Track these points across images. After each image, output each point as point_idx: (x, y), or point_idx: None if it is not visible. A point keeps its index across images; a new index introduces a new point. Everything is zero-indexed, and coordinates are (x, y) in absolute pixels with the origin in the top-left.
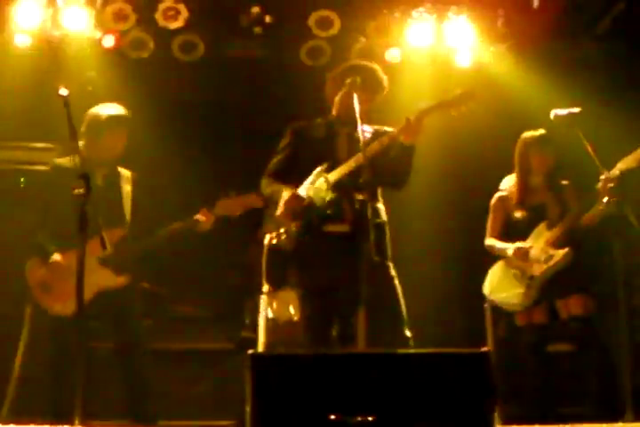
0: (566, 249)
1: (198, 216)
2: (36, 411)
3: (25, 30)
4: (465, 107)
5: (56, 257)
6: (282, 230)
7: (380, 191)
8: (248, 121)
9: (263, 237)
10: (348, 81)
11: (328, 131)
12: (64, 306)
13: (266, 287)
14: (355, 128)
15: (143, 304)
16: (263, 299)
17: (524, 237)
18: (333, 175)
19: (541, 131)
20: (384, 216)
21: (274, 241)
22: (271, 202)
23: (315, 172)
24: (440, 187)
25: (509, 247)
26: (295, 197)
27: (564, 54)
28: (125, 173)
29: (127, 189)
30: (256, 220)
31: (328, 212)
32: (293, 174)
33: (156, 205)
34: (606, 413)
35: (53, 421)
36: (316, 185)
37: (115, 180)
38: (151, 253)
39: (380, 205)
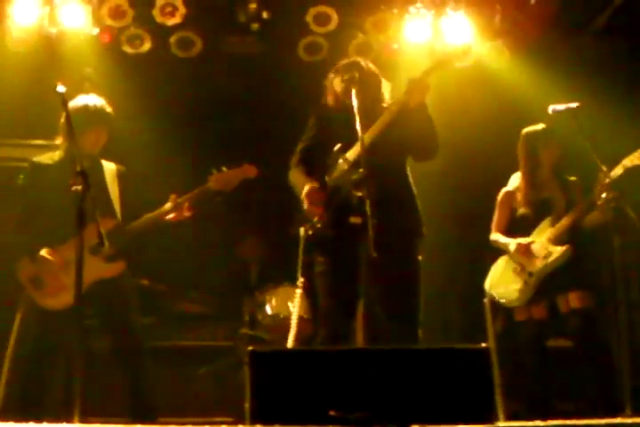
0: (565, 246)
1: (167, 205)
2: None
3: (22, 27)
4: (463, 60)
5: (43, 252)
6: (315, 220)
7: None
8: (246, 116)
9: (297, 231)
10: (346, 77)
11: (346, 112)
12: (57, 300)
13: (301, 280)
14: (366, 108)
15: (140, 302)
16: (297, 293)
17: (529, 232)
18: (352, 154)
19: (542, 125)
20: (400, 208)
21: (310, 232)
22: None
23: (332, 155)
24: (441, 182)
25: (512, 242)
26: (315, 190)
27: (562, 49)
28: (109, 166)
29: (113, 181)
30: (255, 217)
31: (359, 194)
32: (320, 159)
33: (153, 201)
34: (605, 408)
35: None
36: (338, 167)
37: (97, 171)
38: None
39: (396, 198)
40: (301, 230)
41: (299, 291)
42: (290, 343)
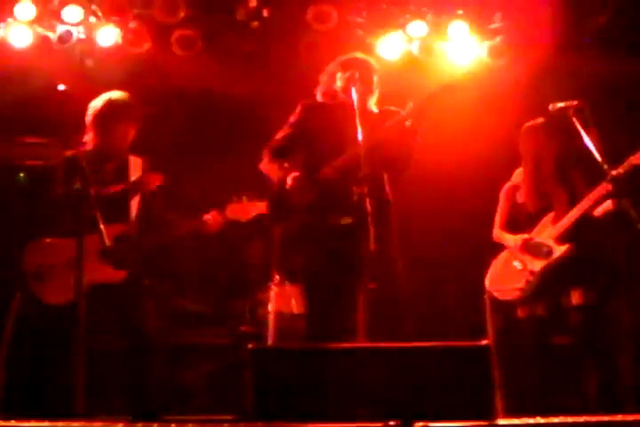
0: (567, 245)
1: (207, 217)
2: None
3: (22, 25)
4: (467, 89)
5: (51, 240)
6: (291, 219)
7: (386, 183)
8: (246, 115)
9: (271, 228)
10: (347, 75)
11: (341, 114)
12: (58, 297)
13: (276, 278)
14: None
15: (153, 303)
16: (273, 290)
17: (532, 227)
18: (340, 161)
19: (542, 119)
20: (389, 209)
21: (284, 230)
22: (268, 180)
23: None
24: (442, 178)
25: (513, 238)
26: (303, 176)
27: (562, 47)
28: (136, 161)
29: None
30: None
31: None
32: (298, 153)
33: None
34: (607, 405)
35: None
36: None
37: (124, 173)
38: (157, 252)
39: (387, 198)
40: (279, 227)
41: (275, 288)
42: (270, 341)
